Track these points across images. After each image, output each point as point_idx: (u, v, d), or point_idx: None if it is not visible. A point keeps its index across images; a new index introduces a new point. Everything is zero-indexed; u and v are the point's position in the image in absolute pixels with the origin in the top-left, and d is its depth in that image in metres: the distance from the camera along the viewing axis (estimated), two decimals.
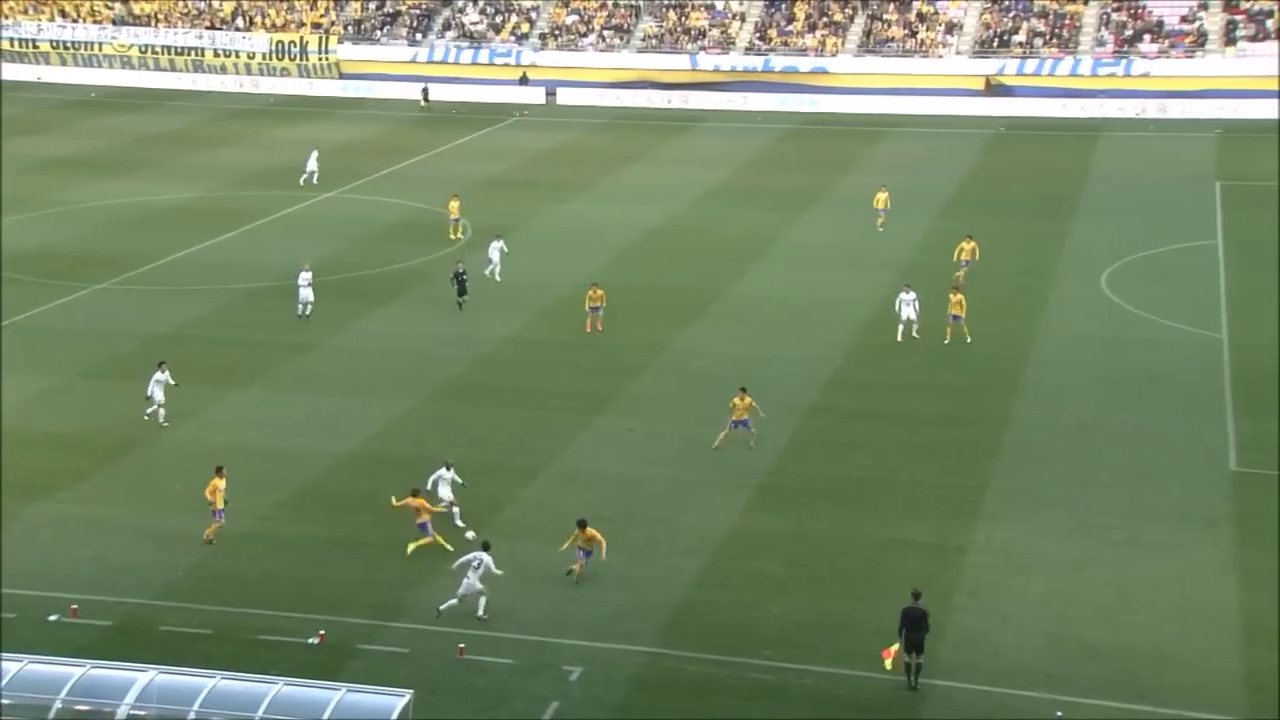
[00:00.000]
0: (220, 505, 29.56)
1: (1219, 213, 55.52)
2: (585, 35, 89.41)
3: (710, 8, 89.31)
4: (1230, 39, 78.03)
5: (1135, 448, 33.90)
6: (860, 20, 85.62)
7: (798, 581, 28.11)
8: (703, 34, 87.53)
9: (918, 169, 65.90)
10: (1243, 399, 36.45)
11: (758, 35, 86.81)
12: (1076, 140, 71.01)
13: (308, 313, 44.28)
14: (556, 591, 27.74)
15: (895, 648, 24.16)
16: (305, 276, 44.69)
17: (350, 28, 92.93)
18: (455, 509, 30.17)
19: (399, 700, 20.74)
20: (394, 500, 29.71)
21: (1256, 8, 78.89)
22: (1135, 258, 48.96)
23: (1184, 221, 54.17)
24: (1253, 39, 77.54)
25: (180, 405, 36.77)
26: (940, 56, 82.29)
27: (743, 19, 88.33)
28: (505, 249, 48.73)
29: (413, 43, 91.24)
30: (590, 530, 27.92)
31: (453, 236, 53.97)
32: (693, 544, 29.66)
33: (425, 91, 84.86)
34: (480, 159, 70.18)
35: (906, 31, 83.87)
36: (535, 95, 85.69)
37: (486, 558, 26.62)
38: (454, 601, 26.44)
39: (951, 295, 41.11)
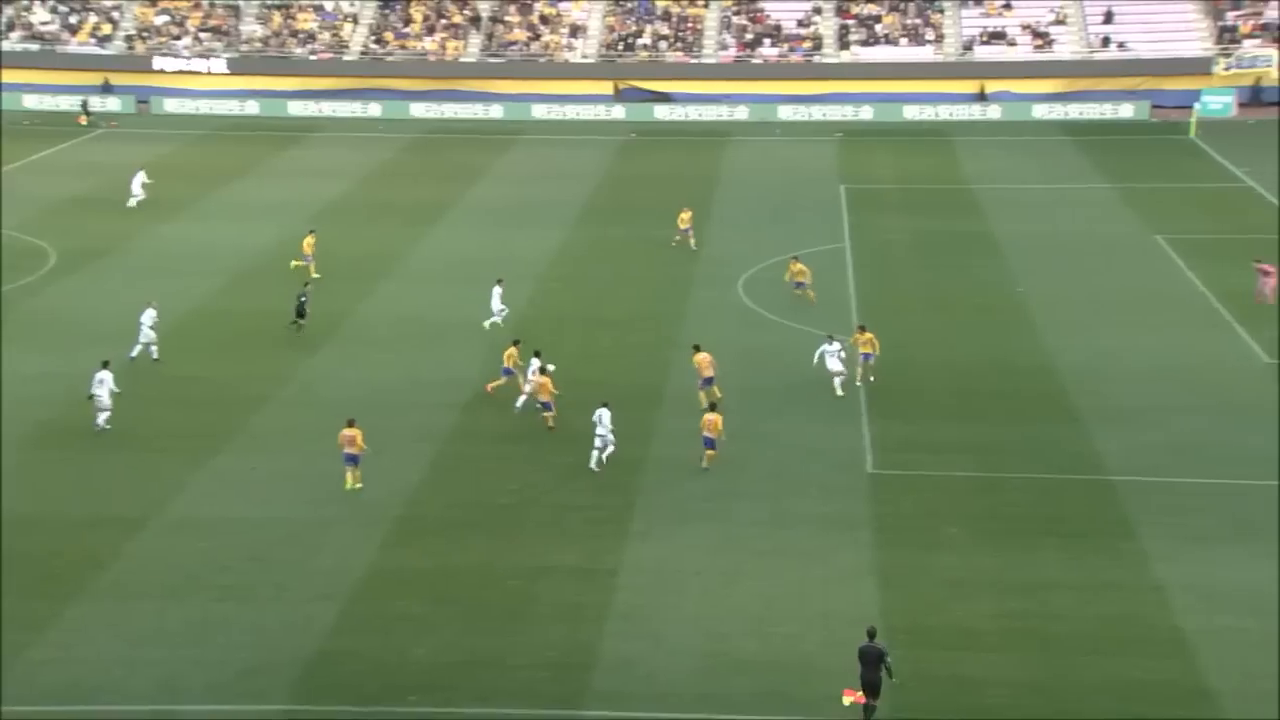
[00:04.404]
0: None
1: (845, 216, 59.38)
2: (179, 38, 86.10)
3: (319, 9, 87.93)
4: (844, 43, 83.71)
5: (778, 455, 35.72)
6: (482, 22, 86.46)
7: (442, 619, 28.03)
8: (312, 37, 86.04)
9: (549, 177, 67.18)
10: (876, 402, 39.07)
11: (373, 39, 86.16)
12: (706, 145, 74.26)
13: (154, 355, 41.42)
14: (172, 653, 26.55)
15: (853, 691, 24.37)
16: (150, 314, 41.83)
17: None
18: None
19: None
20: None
21: (866, 12, 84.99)
22: (770, 263, 51.65)
23: (813, 225, 57.60)
24: (864, 43, 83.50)
25: None
26: (566, 60, 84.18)
27: (355, 21, 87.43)
28: (501, 296, 44.39)
29: None
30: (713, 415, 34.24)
31: (311, 274, 49.48)
32: (327, 588, 29.05)
33: (85, 104, 79.16)
34: (63, 176, 66.36)
35: (530, 34, 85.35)
36: (124, 104, 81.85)
37: (605, 412, 34.39)
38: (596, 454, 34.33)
39: (858, 335, 40.26)
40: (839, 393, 38.98)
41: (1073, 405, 38.55)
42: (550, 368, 38.01)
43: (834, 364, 39.32)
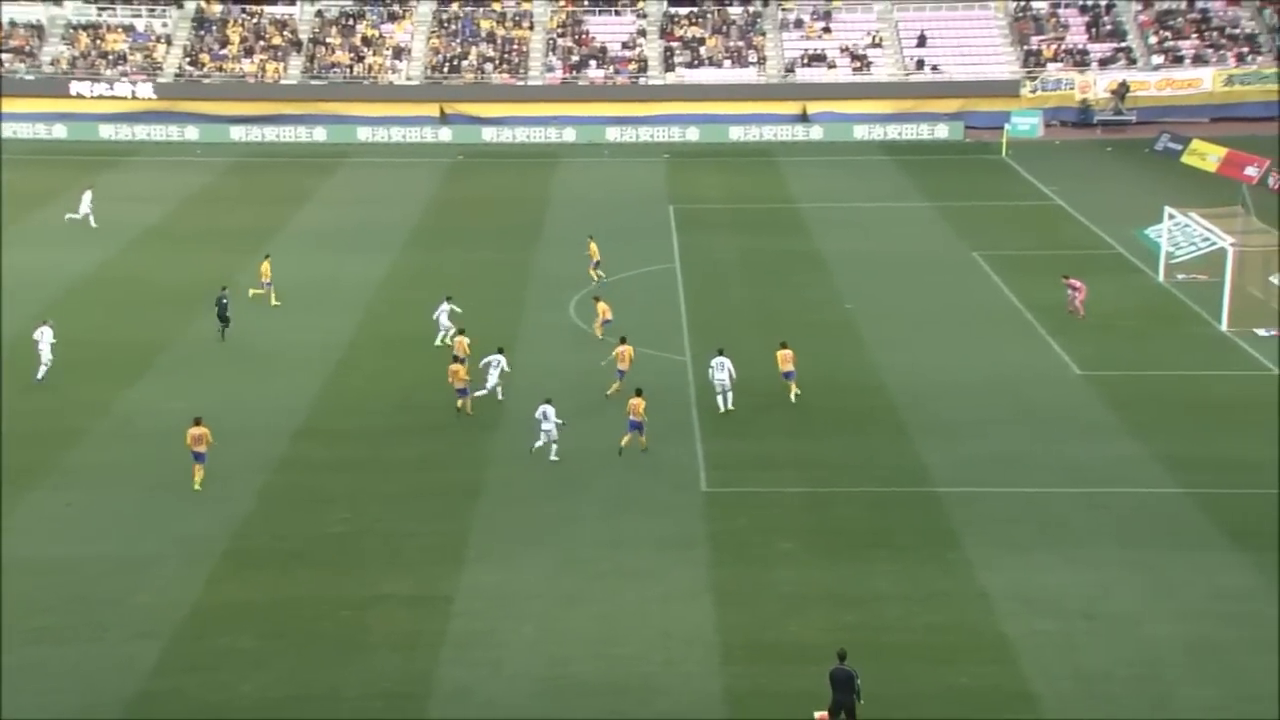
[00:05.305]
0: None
1: (674, 236, 59.97)
2: None
3: (130, 29, 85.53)
4: (669, 65, 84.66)
5: (615, 476, 35.81)
6: (303, 44, 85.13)
7: (273, 654, 27.42)
8: (123, 58, 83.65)
9: (376, 201, 66.48)
10: (708, 420, 39.48)
11: (188, 60, 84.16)
12: (535, 167, 74.30)
13: (40, 376, 41.33)
14: None
15: (826, 714, 24.29)
16: (46, 332, 41.45)
17: None
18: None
19: None
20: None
21: (690, 34, 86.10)
22: (602, 284, 51.82)
23: (644, 246, 58.02)
24: (689, 65, 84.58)
25: None
26: (390, 82, 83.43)
27: (169, 42, 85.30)
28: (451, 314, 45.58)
29: None
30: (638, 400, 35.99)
31: (273, 301, 49.15)
32: (149, 627, 28.19)
33: None
34: None
35: (353, 56, 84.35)
36: None
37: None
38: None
39: (781, 351, 40.61)
40: (724, 409, 39.34)
41: (899, 419, 39.50)
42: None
43: (722, 378, 39.60)
